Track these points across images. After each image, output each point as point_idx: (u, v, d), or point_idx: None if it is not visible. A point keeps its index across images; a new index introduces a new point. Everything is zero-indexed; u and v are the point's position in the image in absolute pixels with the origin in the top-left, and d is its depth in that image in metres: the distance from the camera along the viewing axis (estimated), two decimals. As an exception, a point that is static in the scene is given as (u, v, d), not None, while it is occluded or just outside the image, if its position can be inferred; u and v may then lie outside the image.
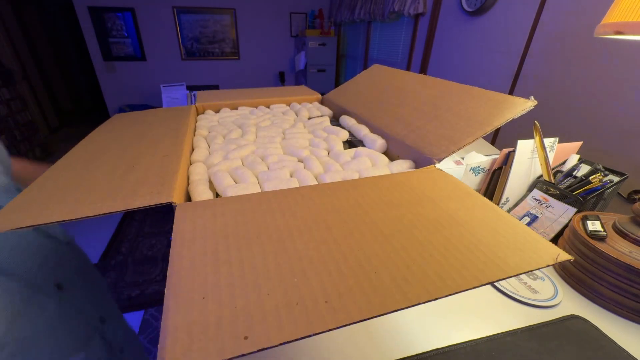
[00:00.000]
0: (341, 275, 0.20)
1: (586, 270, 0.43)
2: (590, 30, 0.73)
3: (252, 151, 0.43)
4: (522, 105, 0.36)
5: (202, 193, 0.31)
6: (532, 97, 0.37)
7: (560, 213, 0.52)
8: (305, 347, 0.35)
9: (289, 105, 0.67)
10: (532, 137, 0.56)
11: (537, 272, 0.46)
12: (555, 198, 0.53)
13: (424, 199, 0.28)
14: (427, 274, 0.20)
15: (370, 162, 0.40)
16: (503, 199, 0.57)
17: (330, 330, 0.16)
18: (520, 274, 0.20)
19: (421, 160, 0.39)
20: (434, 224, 0.25)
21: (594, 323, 0.38)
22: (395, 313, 0.39)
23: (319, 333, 0.16)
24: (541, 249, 0.22)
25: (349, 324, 0.17)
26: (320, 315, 0.17)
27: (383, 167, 0.39)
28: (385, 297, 0.18)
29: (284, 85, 2.98)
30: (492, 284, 0.44)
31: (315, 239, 0.23)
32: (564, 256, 0.21)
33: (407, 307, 0.18)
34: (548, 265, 0.21)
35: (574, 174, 0.56)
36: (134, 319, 1.39)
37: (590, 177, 0.53)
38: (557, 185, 0.54)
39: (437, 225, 0.25)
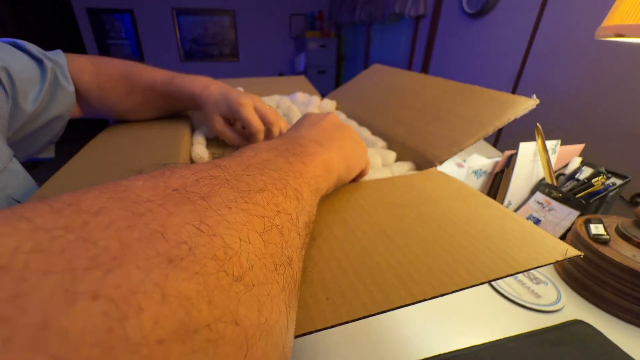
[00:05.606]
0: (343, 272, 0.19)
1: (589, 275, 0.42)
2: (591, 32, 0.73)
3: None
4: (524, 104, 0.36)
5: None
6: (535, 96, 0.36)
7: (563, 216, 0.51)
8: (301, 353, 0.34)
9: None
10: (534, 139, 0.55)
11: (540, 275, 0.46)
12: (558, 201, 0.52)
13: (426, 199, 0.28)
14: (432, 270, 0.19)
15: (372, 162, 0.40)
16: (505, 202, 0.56)
17: (332, 327, 0.15)
18: (530, 269, 0.20)
19: (423, 163, 0.38)
20: (437, 223, 0.24)
21: (598, 328, 0.38)
22: (396, 319, 0.38)
23: (321, 330, 0.15)
24: (549, 245, 0.22)
25: (352, 321, 0.16)
26: (322, 312, 0.16)
27: (384, 168, 0.38)
28: (389, 293, 0.18)
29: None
30: (497, 288, 0.43)
31: (315, 237, 0.22)
32: (573, 252, 0.21)
33: (412, 304, 0.17)
34: (557, 261, 0.20)
35: (576, 176, 0.56)
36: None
37: (593, 180, 0.52)
38: (559, 188, 0.54)
39: (441, 223, 0.24)
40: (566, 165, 0.60)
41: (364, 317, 0.16)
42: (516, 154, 0.55)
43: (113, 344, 0.07)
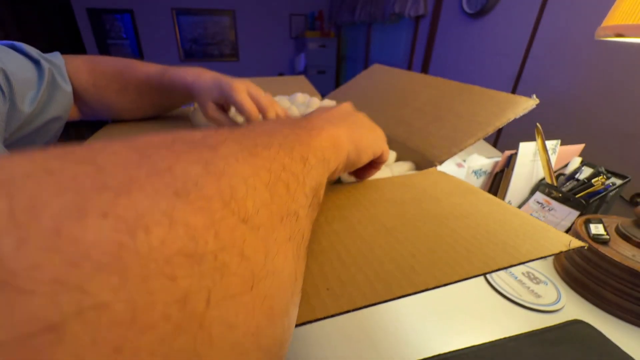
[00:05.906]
0: (343, 265, 0.19)
1: (589, 274, 0.42)
2: (591, 32, 0.73)
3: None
4: (524, 104, 0.36)
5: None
6: (534, 96, 0.36)
7: (563, 216, 0.51)
8: (300, 353, 0.34)
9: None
10: (534, 139, 0.55)
11: (540, 275, 0.46)
12: (558, 201, 0.52)
13: (426, 197, 0.28)
14: (434, 262, 0.19)
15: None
16: (505, 202, 0.56)
17: (332, 316, 0.15)
18: (533, 260, 0.19)
19: (423, 163, 0.38)
20: (438, 218, 0.24)
21: (598, 328, 0.38)
22: (395, 318, 0.38)
23: (321, 319, 0.15)
24: (552, 237, 0.21)
25: (352, 310, 0.16)
26: (322, 302, 0.16)
27: (384, 168, 0.38)
28: (390, 284, 0.17)
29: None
30: (497, 288, 0.43)
31: (315, 232, 0.22)
32: (577, 243, 0.20)
33: (414, 293, 0.17)
34: (561, 252, 0.20)
35: (576, 176, 0.56)
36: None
37: (593, 180, 0.52)
38: (559, 188, 0.54)
39: (442, 218, 0.24)
40: (566, 165, 0.60)
41: (365, 307, 0.16)
42: (516, 154, 0.55)
43: (122, 254, 0.07)
